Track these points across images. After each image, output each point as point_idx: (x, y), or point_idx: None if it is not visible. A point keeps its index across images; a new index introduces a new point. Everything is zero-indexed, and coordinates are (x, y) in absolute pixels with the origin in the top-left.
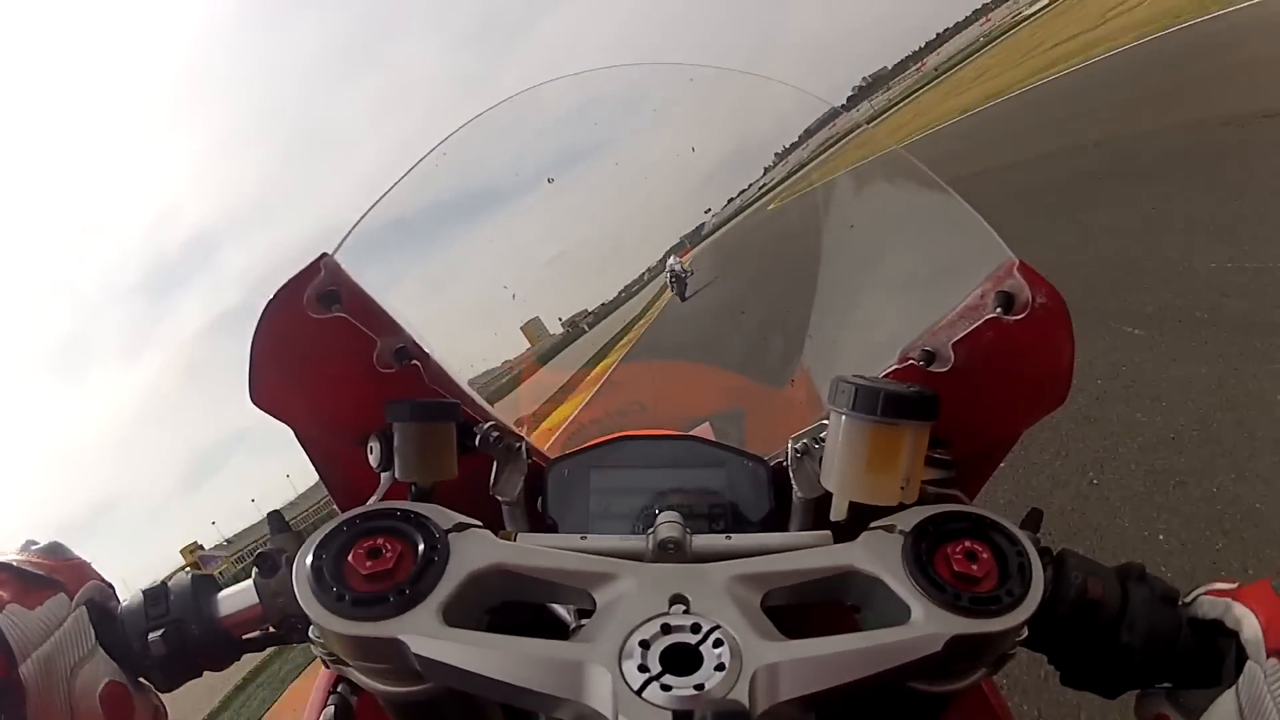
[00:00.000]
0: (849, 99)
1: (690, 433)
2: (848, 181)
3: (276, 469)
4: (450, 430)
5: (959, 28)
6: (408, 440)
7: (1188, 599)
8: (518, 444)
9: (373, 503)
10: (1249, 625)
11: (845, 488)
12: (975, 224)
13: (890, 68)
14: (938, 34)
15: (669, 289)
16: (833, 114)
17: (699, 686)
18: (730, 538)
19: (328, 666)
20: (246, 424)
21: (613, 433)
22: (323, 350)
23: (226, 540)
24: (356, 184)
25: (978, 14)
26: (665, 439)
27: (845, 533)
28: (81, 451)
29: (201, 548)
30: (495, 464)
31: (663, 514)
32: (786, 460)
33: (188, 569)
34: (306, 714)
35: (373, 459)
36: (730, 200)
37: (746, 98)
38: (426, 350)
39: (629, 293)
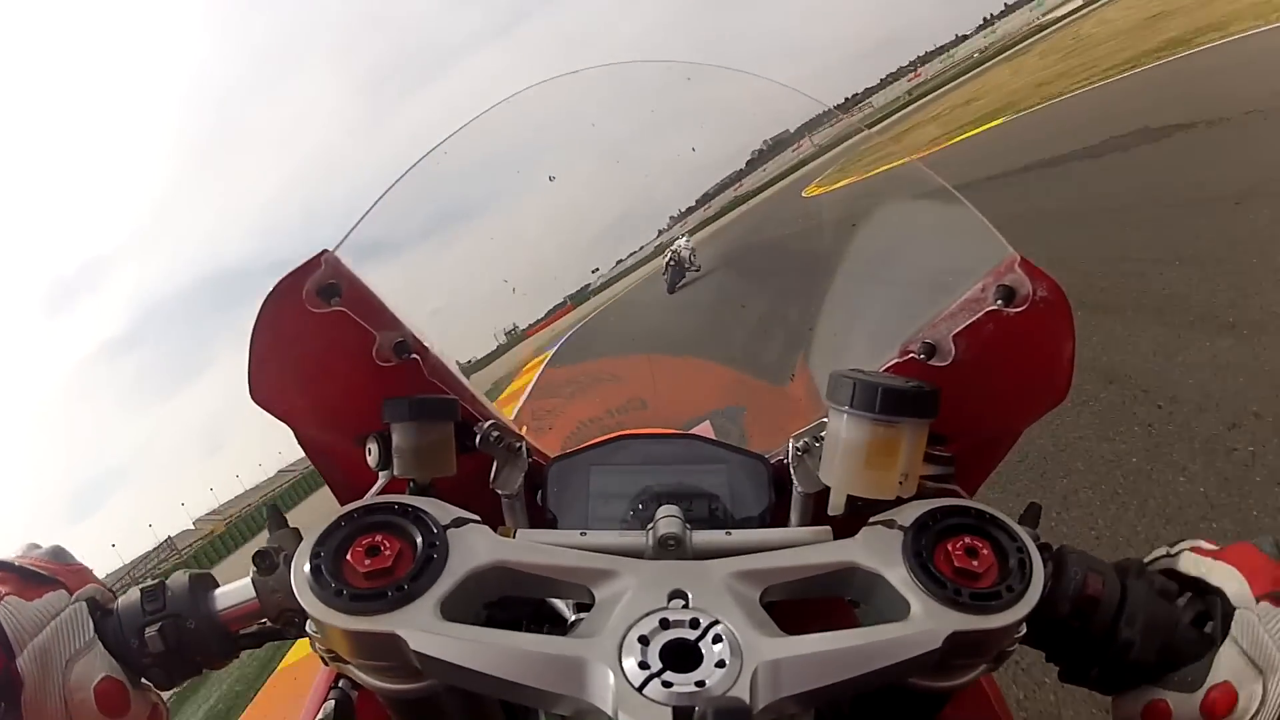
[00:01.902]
0: (748, 162)
1: (690, 431)
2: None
3: (170, 499)
4: (448, 429)
5: (883, 84)
6: (406, 439)
7: (1173, 551)
8: (518, 443)
9: (370, 497)
10: (1233, 578)
11: (843, 483)
12: (975, 222)
13: (792, 130)
14: (863, 90)
15: (663, 274)
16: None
17: (700, 683)
18: (730, 534)
19: (326, 664)
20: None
21: (613, 430)
22: (322, 344)
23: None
24: (251, 214)
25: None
26: (665, 438)
27: (844, 527)
28: None
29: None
30: (495, 461)
31: (662, 510)
32: (787, 458)
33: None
34: (305, 710)
35: (371, 460)
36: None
37: (733, 96)
38: (426, 345)
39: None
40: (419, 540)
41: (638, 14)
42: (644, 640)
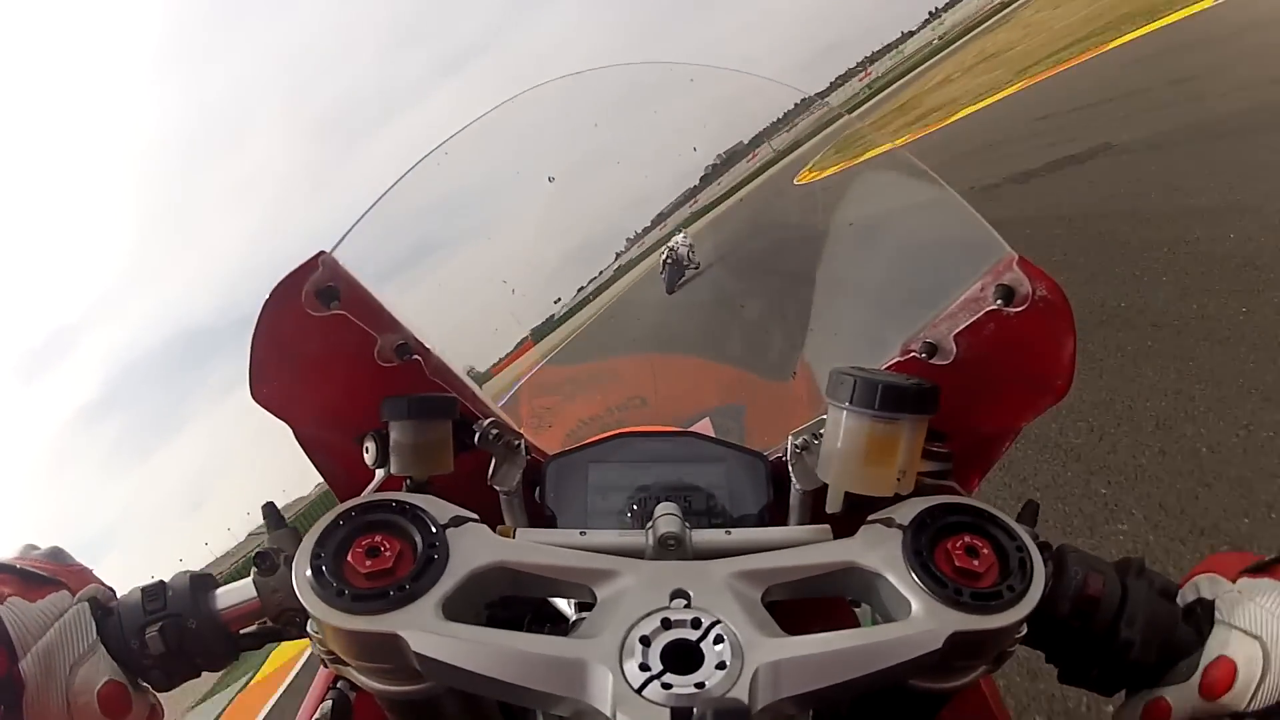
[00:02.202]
0: (701, 178)
1: (690, 428)
2: (847, 178)
3: (160, 558)
4: (446, 428)
5: (833, 87)
6: (402, 438)
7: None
8: (517, 441)
9: (367, 495)
10: (1206, 579)
11: (842, 480)
12: (973, 221)
13: (746, 141)
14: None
15: (660, 274)
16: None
17: (699, 684)
18: (730, 533)
19: (326, 665)
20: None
21: (612, 428)
22: (322, 347)
23: None
24: (215, 271)
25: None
26: (664, 435)
27: (842, 525)
28: None
29: None
30: (493, 458)
31: (661, 508)
32: (786, 455)
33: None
34: (304, 710)
35: (368, 458)
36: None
37: (723, 94)
38: (427, 345)
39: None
40: (419, 540)
41: (581, 43)
42: (645, 641)
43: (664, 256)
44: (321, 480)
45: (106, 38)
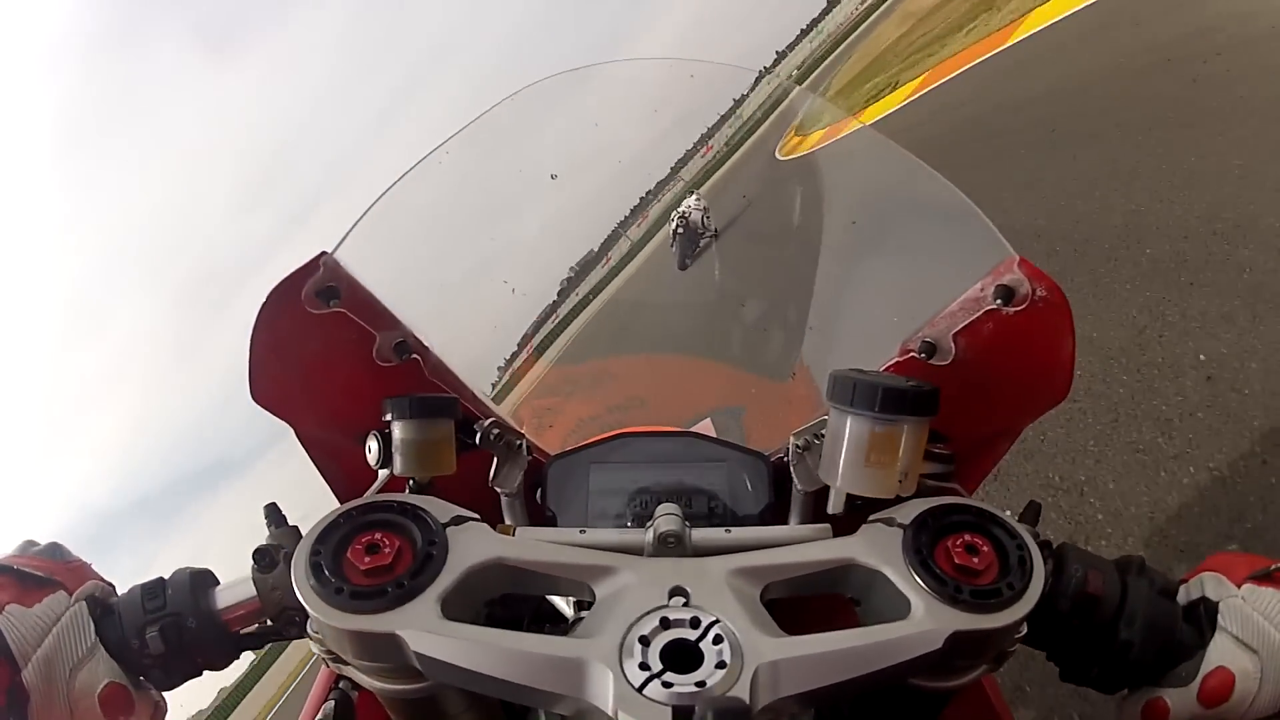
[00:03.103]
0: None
1: (690, 429)
2: (849, 177)
3: None
4: (449, 427)
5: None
6: (405, 437)
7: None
8: (518, 441)
9: (369, 496)
10: (1212, 580)
11: (843, 482)
12: (976, 220)
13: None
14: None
15: (671, 245)
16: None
17: (700, 683)
18: (730, 531)
19: (327, 665)
20: None
21: (613, 428)
22: (322, 346)
23: None
24: (106, 457)
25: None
26: (665, 435)
27: (844, 526)
28: None
29: None
30: (495, 459)
31: (662, 508)
32: (787, 456)
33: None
34: (305, 710)
35: (371, 459)
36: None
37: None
38: (426, 345)
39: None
40: (418, 538)
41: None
42: (644, 640)
43: (674, 226)
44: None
45: None
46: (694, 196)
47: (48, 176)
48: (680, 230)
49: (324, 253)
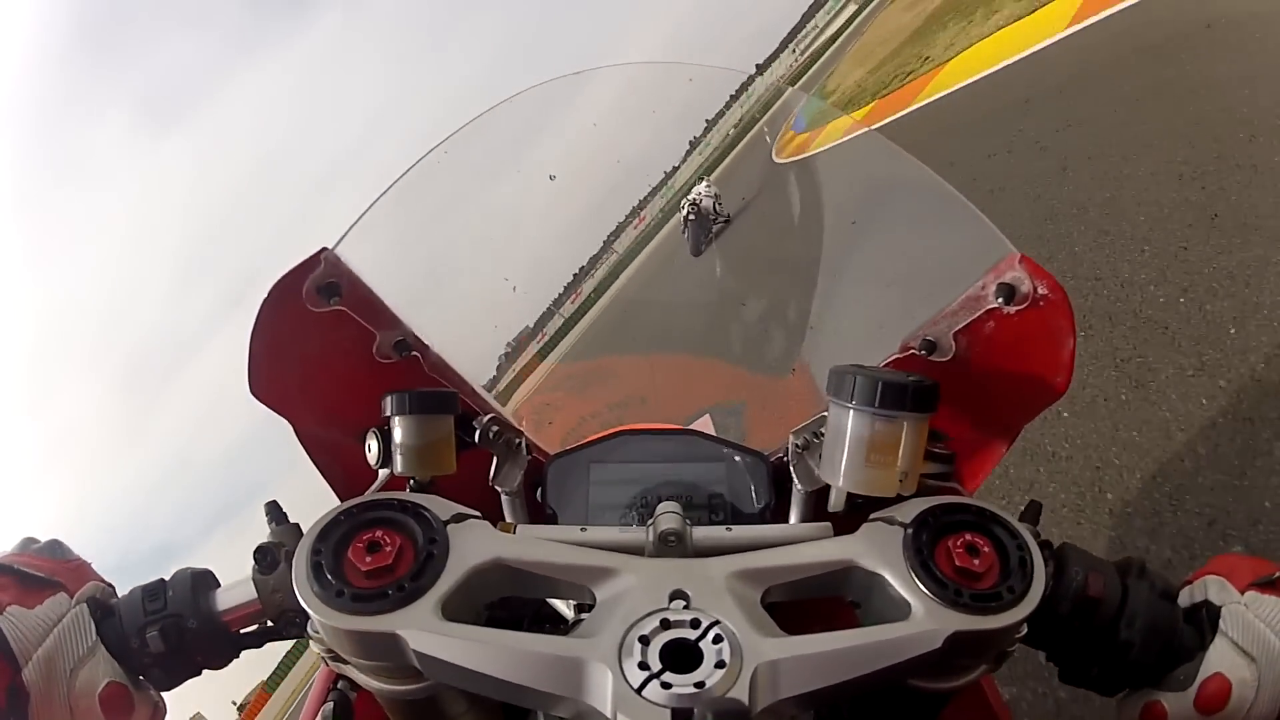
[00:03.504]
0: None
1: (690, 427)
2: (849, 177)
3: None
4: (449, 424)
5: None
6: (406, 434)
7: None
8: (518, 439)
9: (370, 494)
10: (1215, 582)
11: (844, 480)
12: (976, 219)
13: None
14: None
15: (683, 232)
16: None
17: (699, 684)
18: (730, 529)
19: (327, 664)
20: None
21: (613, 426)
22: (322, 343)
23: None
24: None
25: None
26: (665, 434)
27: (845, 525)
28: None
29: None
30: (495, 458)
31: (662, 506)
32: (787, 455)
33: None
34: (305, 710)
35: (370, 457)
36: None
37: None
38: (426, 342)
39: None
40: (419, 536)
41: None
42: (644, 640)
43: (685, 212)
44: None
45: None
46: (705, 183)
47: None
48: (692, 217)
49: (325, 248)
